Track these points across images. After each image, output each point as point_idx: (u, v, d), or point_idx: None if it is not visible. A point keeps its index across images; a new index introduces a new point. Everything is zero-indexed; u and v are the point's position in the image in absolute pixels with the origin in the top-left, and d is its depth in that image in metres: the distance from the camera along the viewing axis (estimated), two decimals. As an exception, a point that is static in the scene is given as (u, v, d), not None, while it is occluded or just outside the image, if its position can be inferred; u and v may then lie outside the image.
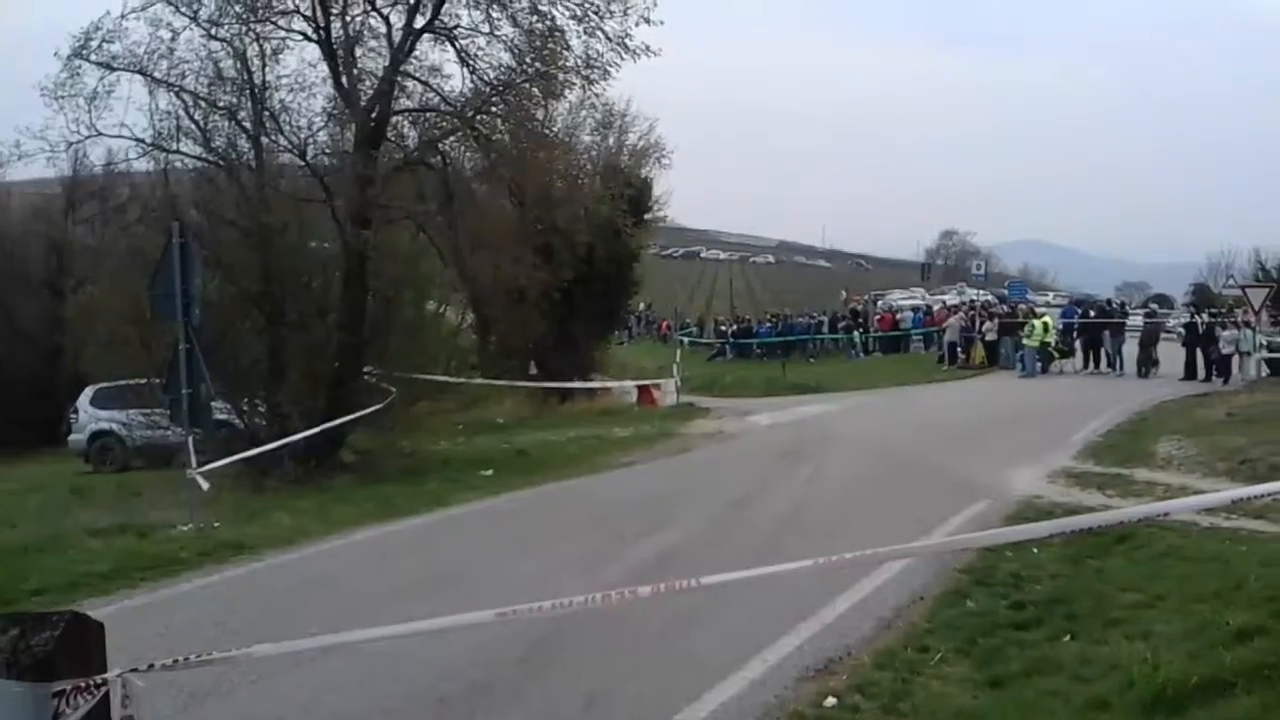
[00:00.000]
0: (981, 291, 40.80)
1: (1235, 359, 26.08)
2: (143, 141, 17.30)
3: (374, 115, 17.01)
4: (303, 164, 17.82)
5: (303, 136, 17.64)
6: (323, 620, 7.55)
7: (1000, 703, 5.86)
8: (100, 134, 17.02)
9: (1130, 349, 29.59)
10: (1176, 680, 5.60)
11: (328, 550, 10.70)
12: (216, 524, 11.76)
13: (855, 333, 41.59)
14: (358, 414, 15.71)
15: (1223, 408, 18.93)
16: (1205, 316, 29.22)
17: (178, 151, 17.54)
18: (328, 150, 18.41)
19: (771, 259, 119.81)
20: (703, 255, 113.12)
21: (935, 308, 45.76)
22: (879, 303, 51.76)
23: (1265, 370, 23.89)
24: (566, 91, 18.63)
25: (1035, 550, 9.34)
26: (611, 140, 28.92)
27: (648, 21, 16.96)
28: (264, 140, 17.39)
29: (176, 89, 17.00)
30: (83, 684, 1.77)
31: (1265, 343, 24.70)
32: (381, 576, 9.54)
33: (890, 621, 7.65)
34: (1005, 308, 37.23)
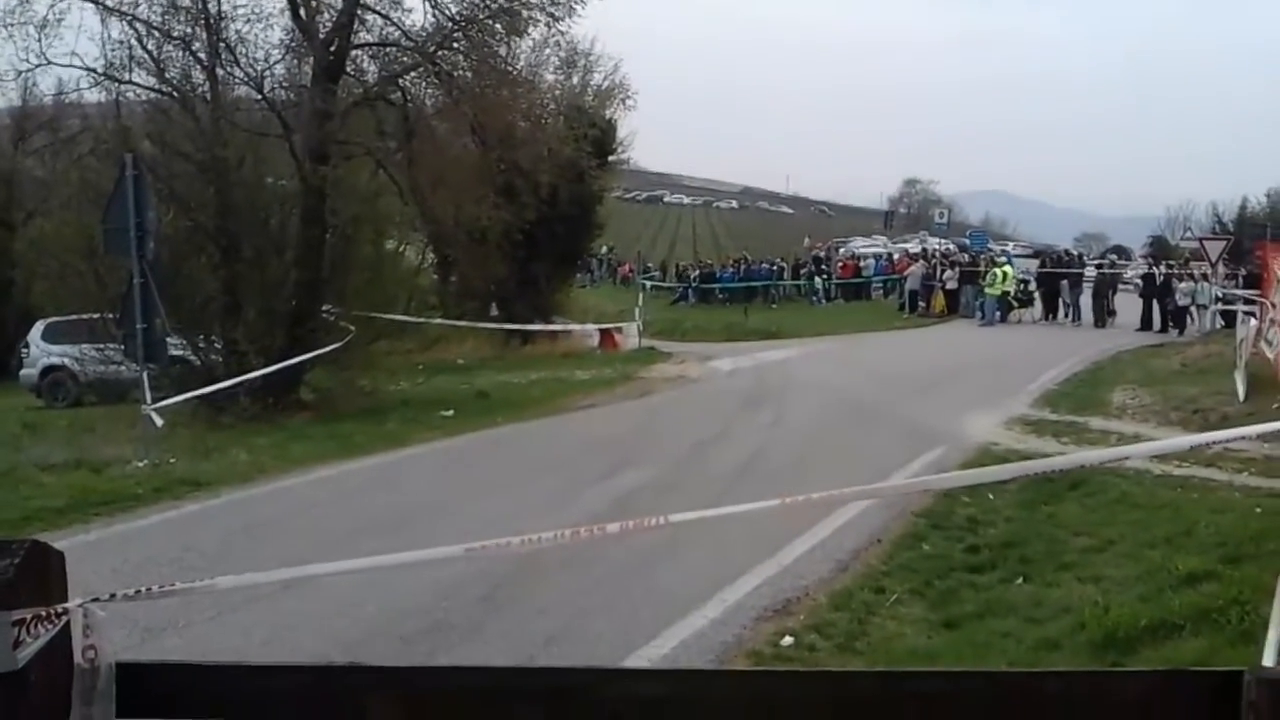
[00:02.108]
0: (943, 240, 40.89)
1: (1191, 310, 26.49)
2: (94, 71, 16.84)
3: (333, 49, 16.61)
4: (259, 97, 17.41)
5: (259, 69, 17.23)
6: (282, 557, 7.51)
7: (954, 643, 5.96)
8: (50, 63, 16.58)
9: (1088, 299, 29.96)
10: (1126, 622, 5.74)
11: (286, 488, 10.63)
12: (172, 460, 11.63)
13: (817, 279, 41.70)
14: (316, 352, 15.55)
15: (1177, 358, 19.23)
16: (1163, 269, 29.58)
17: (130, 82, 17.08)
18: (285, 84, 18.00)
19: (735, 204, 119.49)
20: (666, 199, 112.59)
21: (897, 256, 45.93)
22: (841, 250, 51.90)
23: (1220, 322, 24.26)
24: (530, 28, 18.33)
25: (991, 495, 9.49)
26: (575, 80, 28.55)
27: (614, -42, 16.65)
28: (219, 72, 16.92)
29: (129, 18, 16.50)
30: (43, 612, 1.71)
31: (1220, 295, 25.06)
32: (341, 514, 9.51)
33: (847, 564, 7.76)
34: (966, 257, 37.46)
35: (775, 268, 43.96)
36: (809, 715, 2.14)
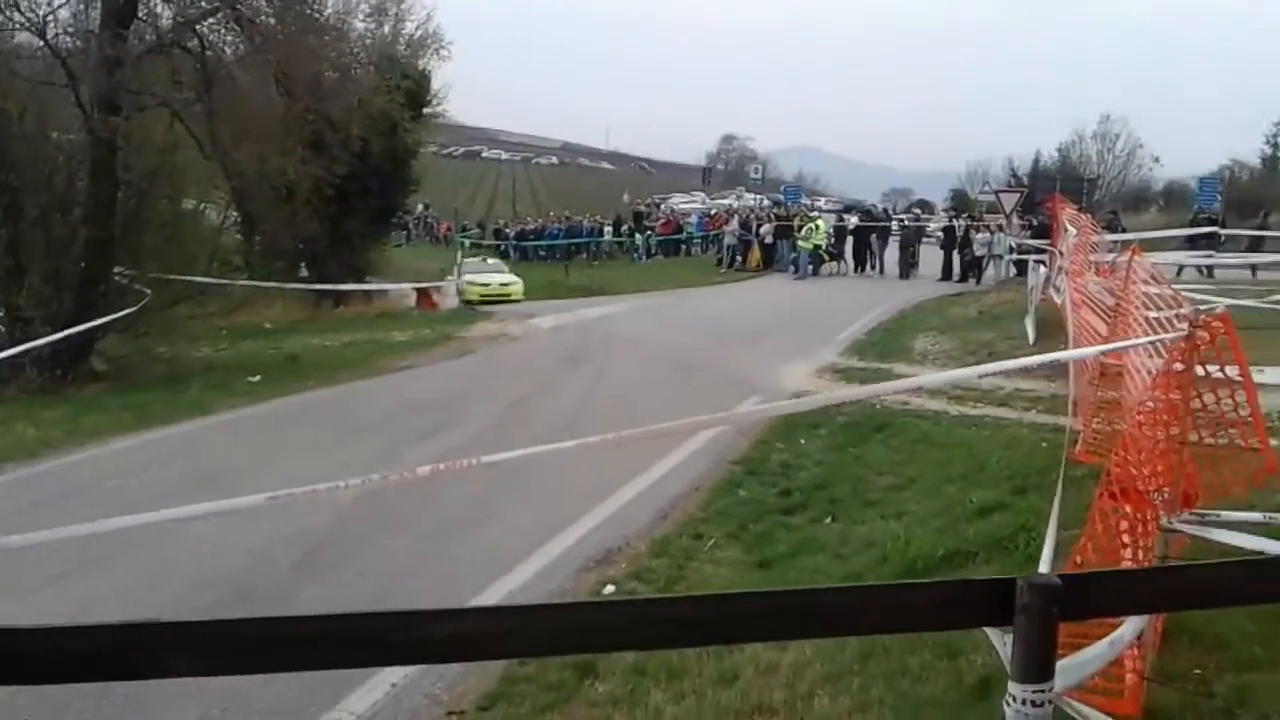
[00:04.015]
0: (758, 196, 41.87)
1: (987, 260, 27.98)
2: None
3: (123, -9, 15.51)
4: (42, 43, 16.10)
5: (42, 13, 15.94)
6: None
7: (767, 581, 6.20)
8: None
9: (893, 252, 31.25)
10: (925, 554, 6.10)
11: (79, 461, 10.00)
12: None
13: (638, 236, 41.99)
14: (108, 318, 14.58)
15: (974, 306, 20.36)
16: (962, 221, 31.09)
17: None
18: (70, 29, 16.70)
19: (555, 160, 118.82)
20: (484, 155, 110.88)
21: (715, 211, 46.70)
22: (661, 206, 52.43)
23: (1013, 271, 25.70)
24: (338, -28, 17.57)
25: (803, 441, 9.86)
26: (387, 29, 27.48)
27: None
28: (-3, 16, 15.58)
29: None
30: None
31: (1014, 245, 26.52)
32: (139, 486, 9.01)
33: (667, 512, 7.94)
34: (780, 211, 38.41)
35: (596, 225, 44.01)
36: (624, 640, 2.22)
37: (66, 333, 13.67)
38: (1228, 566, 2.71)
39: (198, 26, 17.04)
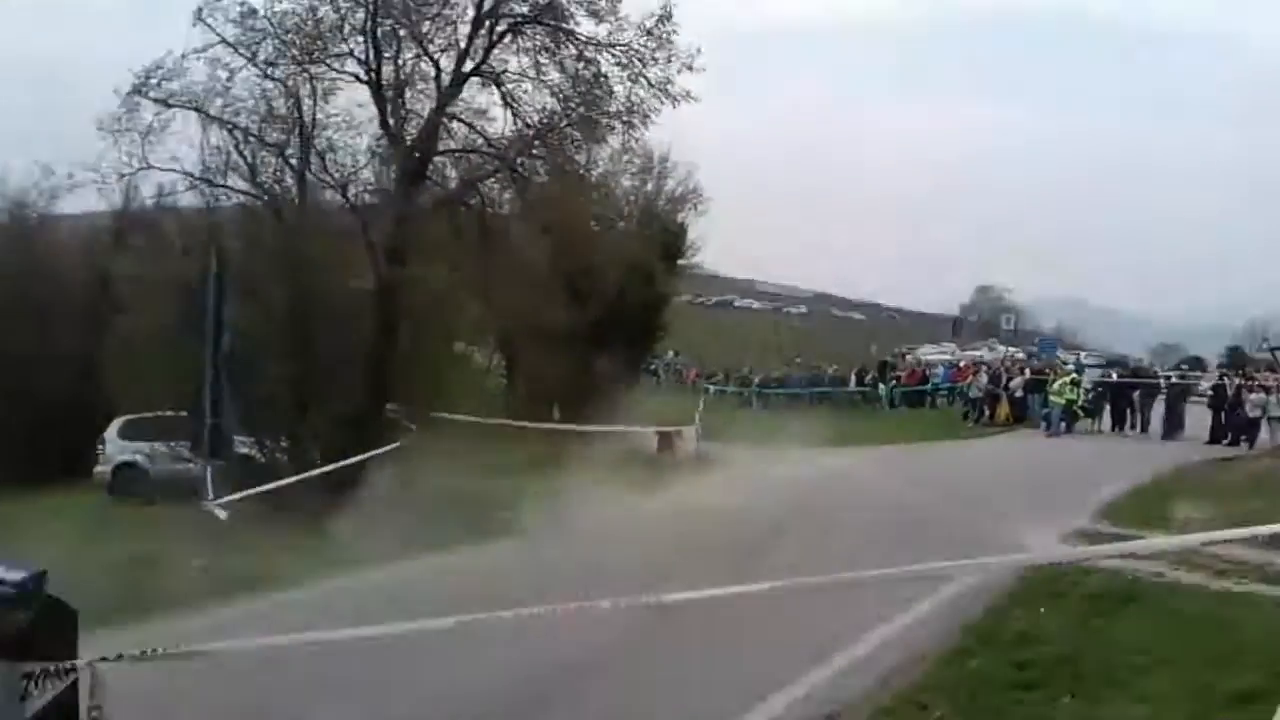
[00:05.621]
0: (1010, 349, 40.59)
1: (1262, 423, 25.77)
2: (192, 175, 17.84)
3: (417, 155, 17.40)
4: (344, 201, 18.15)
5: (346, 174, 18.04)
6: (333, 655, 7.61)
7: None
8: (152, 167, 17.64)
9: (1157, 411, 29.29)
10: (1172, 741, 5.67)
11: (344, 588, 10.75)
12: (232, 558, 11.79)
13: (881, 386, 41.46)
14: (379, 450, 15.81)
15: (1245, 472, 18.76)
16: (1235, 380, 28.88)
17: (225, 186, 18.01)
18: (370, 188, 18.76)
19: (805, 309, 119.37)
20: (736, 305, 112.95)
21: (962, 363, 45.54)
22: (907, 357, 51.69)
23: (1291, 435, 23.59)
24: (608, 135, 19.00)
25: (1043, 610, 9.37)
26: (650, 185, 28.97)
27: (690, 69, 17.42)
28: (309, 176, 17.77)
29: (229, 126, 17.52)
30: (53, 668, 1.79)
31: (1291, 407, 24.39)
32: (391, 616, 9.59)
33: (889, 679, 7.71)
34: (1034, 365, 37.02)
35: (839, 375, 43.86)
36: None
37: (345, 462, 14.93)
38: None
39: (479, 185, 18.79)
